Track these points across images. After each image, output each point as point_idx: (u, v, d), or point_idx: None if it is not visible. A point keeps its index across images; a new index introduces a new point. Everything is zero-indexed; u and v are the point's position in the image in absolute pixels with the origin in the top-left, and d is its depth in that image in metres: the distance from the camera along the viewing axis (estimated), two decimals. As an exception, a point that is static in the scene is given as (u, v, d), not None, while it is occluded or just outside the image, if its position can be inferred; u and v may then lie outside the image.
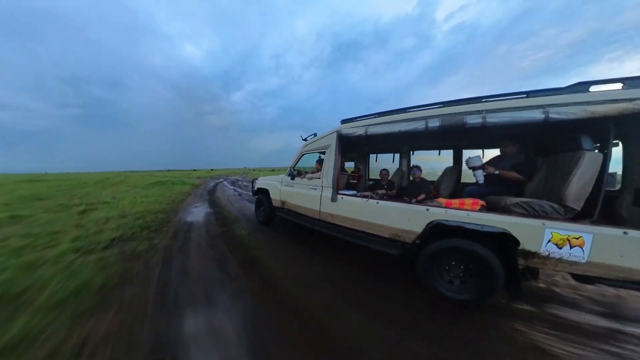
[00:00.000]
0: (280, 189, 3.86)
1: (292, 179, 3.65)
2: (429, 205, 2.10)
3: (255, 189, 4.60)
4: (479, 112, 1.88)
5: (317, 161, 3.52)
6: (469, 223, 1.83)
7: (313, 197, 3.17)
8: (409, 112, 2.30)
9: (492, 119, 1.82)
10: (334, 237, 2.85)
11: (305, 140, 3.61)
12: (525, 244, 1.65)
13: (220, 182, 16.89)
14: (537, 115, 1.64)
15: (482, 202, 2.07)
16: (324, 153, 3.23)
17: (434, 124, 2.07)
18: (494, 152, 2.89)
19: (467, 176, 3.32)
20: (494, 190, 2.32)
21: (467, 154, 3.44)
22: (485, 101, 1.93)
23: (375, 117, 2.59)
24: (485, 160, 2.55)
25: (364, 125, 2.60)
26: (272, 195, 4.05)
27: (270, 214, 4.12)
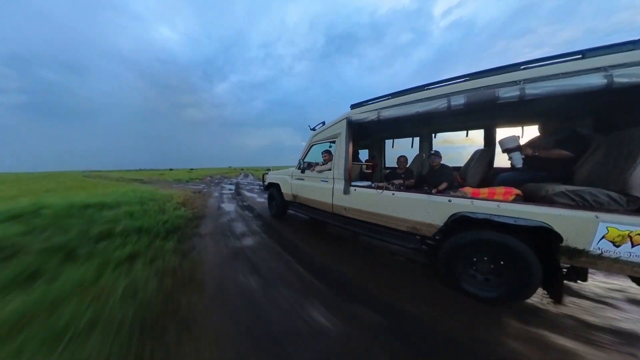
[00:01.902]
0: (291, 183, 3.89)
1: (302, 171, 3.64)
2: (451, 196, 1.95)
3: (266, 183, 4.71)
4: (515, 82, 1.63)
5: (324, 151, 3.45)
6: (499, 215, 1.66)
7: (324, 190, 3.15)
8: (427, 89, 2.09)
9: (533, 89, 1.56)
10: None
11: (313, 130, 3.53)
12: (571, 240, 1.46)
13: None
14: (597, 80, 1.36)
15: (518, 191, 1.87)
16: (334, 142, 3.14)
17: (458, 101, 1.86)
18: (536, 130, 2.56)
19: (502, 160, 3.01)
20: (535, 176, 2.06)
21: (501, 133, 3.10)
22: (525, 68, 1.66)
23: (388, 99, 2.41)
24: (524, 140, 2.27)
25: (376, 109, 2.44)
26: (283, 190, 4.11)
27: (283, 208, 4.21)
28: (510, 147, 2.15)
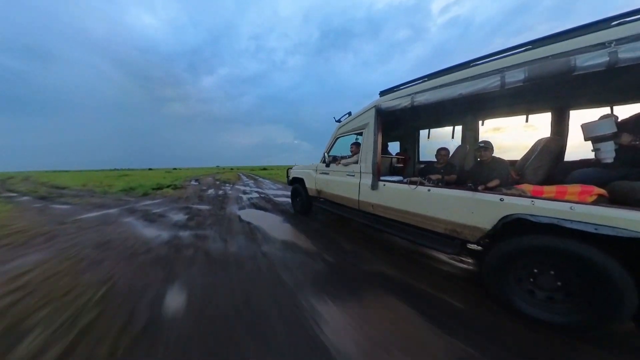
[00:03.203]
0: (316, 178, 3.87)
1: (327, 165, 3.59)
2: (503, 194, 1.66)
3: (290, 178, 4.79)
4: (602, 45, 1.28)
5: (352, 144, 3.32)
6: (572, 221, 1.35)
7: (351, 185, 3.04)
8: (473, 66, 1.80)
9: (632, 52, 1.20)
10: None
11: (338, 121, 3.43)
12: None
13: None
14: None
15: (601, 191, 1.50)
16: (361, 134, 2.99)
17: (515, 77, 1.54)
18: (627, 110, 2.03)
19: (577, 152, 2.46)
20: (628, 174, 1.63)
21: (577, 117, 2.53)
22: (617, 24, 1.28)
23: (424, 81, 2.16)
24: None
25: (409, 95, 2.22)
26: (307, 185, 4.13)
27: (307, 204, 4.25)
28: (603, 135, 1.71)
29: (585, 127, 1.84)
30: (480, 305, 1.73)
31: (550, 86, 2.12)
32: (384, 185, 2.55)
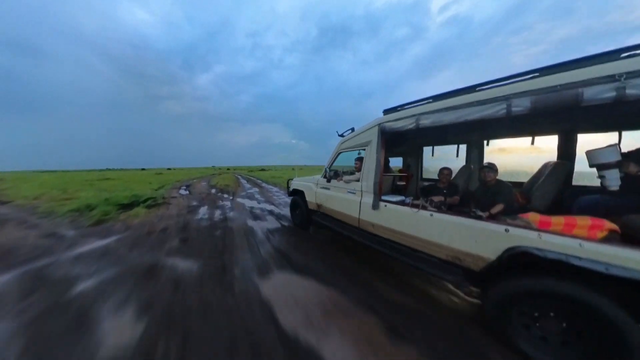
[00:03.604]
0: (316, 192, 3.85)
1: (328, 180, 3.58)
2: (509, 224, 1.62)
3: (291, 189, 4.78)
4: (611, 77, 1.27)
5: (356, 159, 3.32)
6: (580, 258, 1.29)
7: (351, 202, 3.01)
8: (479, 90, 1.80)
9: None
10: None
11: (341, 136, 3.44)
12: None
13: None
14: None
15: (613, 226, 1.44)
16: (364, 149, 2.99)
17: (522, 105, 1.53)
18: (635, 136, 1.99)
19: (584, 176, 2.42)
20: (637, 202, 1.58)
21: (585, 141, 2.49)
22: (627, 56, 1.27)
23: (429, 103, 2.17)
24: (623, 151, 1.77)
25: (414, 115, 2.22)
26: (307, 198, 4.10)
27: (307, 217, 4.21)
28: (607, 163, 1.69)
29: (590, 155, 1.82)
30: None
31: (557, 110, 2.12)
32: (385, 205, 2.51)
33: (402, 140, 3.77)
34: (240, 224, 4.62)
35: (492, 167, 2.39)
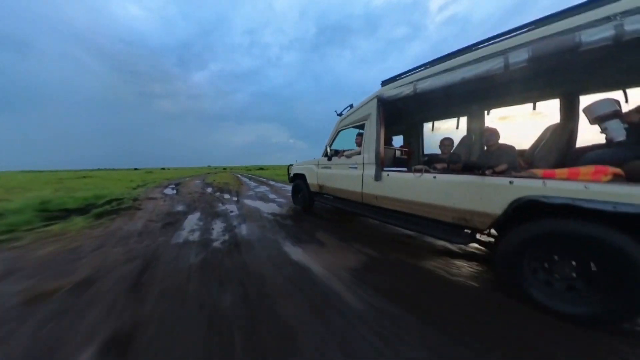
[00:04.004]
0: (317, 172, 3.85)
1: (329, 159, 3.57)
2: (513, 176, 1.62)
3: (292, 174, 4.77)
4: (607, 19, 1.25)
5: (357, 135, 3.30)
6: (587, 200, 1.30)
7: (354, 177, 3.02)
8: (475, 50, 1.78)
9: (639, 24, 1.17)
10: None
11: (340, 115, 3.42)
12: None
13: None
14: None
15: (616, 170, 1.45)
16: (363, 127, 2.97)
17: (519, 58, 1.52)
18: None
19: (589, 138, 2.40)
20: None
21: (588, 101, 2.48)
22: None
23: (426, 68, 2.14)
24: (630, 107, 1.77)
25: (411, 82, 2.20)
26: (308, 180, 4.10)
27: (309, 200, 4.21)
28: (604, 114, 1.70)
29: (587, 110, 1.83)
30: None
31: (557, 70, 2.09)
32: (388, 175, 2.52)
33: (402, 116, 3.75)
34: (271, 257, 2.31)
35: (493, 131, 2.39)
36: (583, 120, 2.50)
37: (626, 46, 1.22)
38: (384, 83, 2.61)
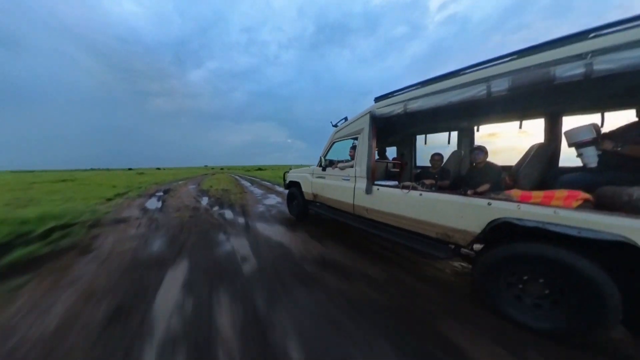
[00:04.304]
0: (312, 181, 3.95)
1: (324, 169, 3.67)
2: (491, 198, 1.73)
3: (287, 182, 4.87)
4: (579, 56, 1.37)
5: (351, 148, 3.42)
6: (555, 224, 1.41)
7: (346, 189, 3.11)
8: (462, 74, 1.90)
9: (605, 64, 1.28)
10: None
11: (335, 126, 3.53)
12: None
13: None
14: None
15: (586, 196, 1.56)
16: (357, 139, 3.09)
17: (500, 86, 1.64)
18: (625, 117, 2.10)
19: (571, 158, 2.53)
20: (613, 179, 1.70)
21: (571, 123, 2.61)
22: (594, 36, 1.37)
23: (416, 89, 2.26)
24: (604, 130, 1.89)
25: (402, 101, 2.32)
26: (303, 188, 4.20)
27: (304, 208, 4.30)
28: (581, 141, 1.81)
29: (568, 135, 1.94)
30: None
31: (541, 93, 2.22)
32: (378, 189, 2.62)
33: (395, 129, 3.87)
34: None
35: (481, 149, 2.51)
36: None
37: (605, 77, 1.33)
38: (377, 100, 2.73)
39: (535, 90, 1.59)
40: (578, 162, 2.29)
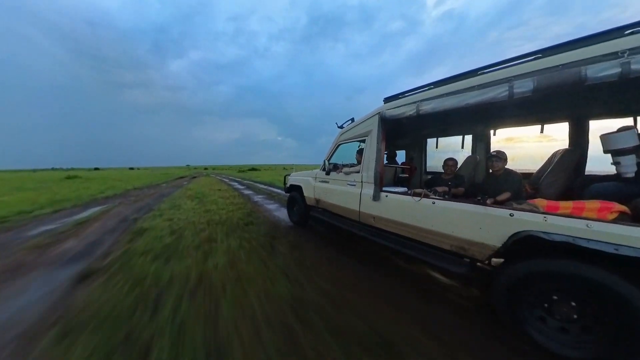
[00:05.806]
0: (314, 186, 3.87)
1: (327, 173, 3.60)
2: (513, 209, 1.63)
3: (288, 185, 4.80)
4: (614, 55, 1.28)
5: (357, 151, 3.35)
6: (588, 240, 1.30)
7: (351, 194, 3.03)
8: (480, 74, 1.82)
9: None
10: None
11: (341, 127, 3.47)
12: None
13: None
14: None
15: (623, 208, 1.45)
16: (364, 141, 3.02)
17: (523, 87, 1.55)
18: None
19: (598, 165, 2.41)
20: None
21: (598, 127, 2.50)
22: (630, 33, 1.28)
23: (430, 89, 2.19)
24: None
25: (415, 102, 2.25)
26: (305, 193, 4.12)
27: (305, 214, 4.22)
28: (624, 148, 1.70)
29: (605, 139, 1.83)
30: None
31: (566, 95, 2.12)
32: (387, 196, 2.53)
33: (405, 131, 3.80)
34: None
35: (500, 156, 2.40)
36: (593, 145, 2.52)
37: (636, 79, 1.24)
38: (386, 100, 2.67)
39: (561, 91, 1.50)
40: (604, 170, 2.17)
